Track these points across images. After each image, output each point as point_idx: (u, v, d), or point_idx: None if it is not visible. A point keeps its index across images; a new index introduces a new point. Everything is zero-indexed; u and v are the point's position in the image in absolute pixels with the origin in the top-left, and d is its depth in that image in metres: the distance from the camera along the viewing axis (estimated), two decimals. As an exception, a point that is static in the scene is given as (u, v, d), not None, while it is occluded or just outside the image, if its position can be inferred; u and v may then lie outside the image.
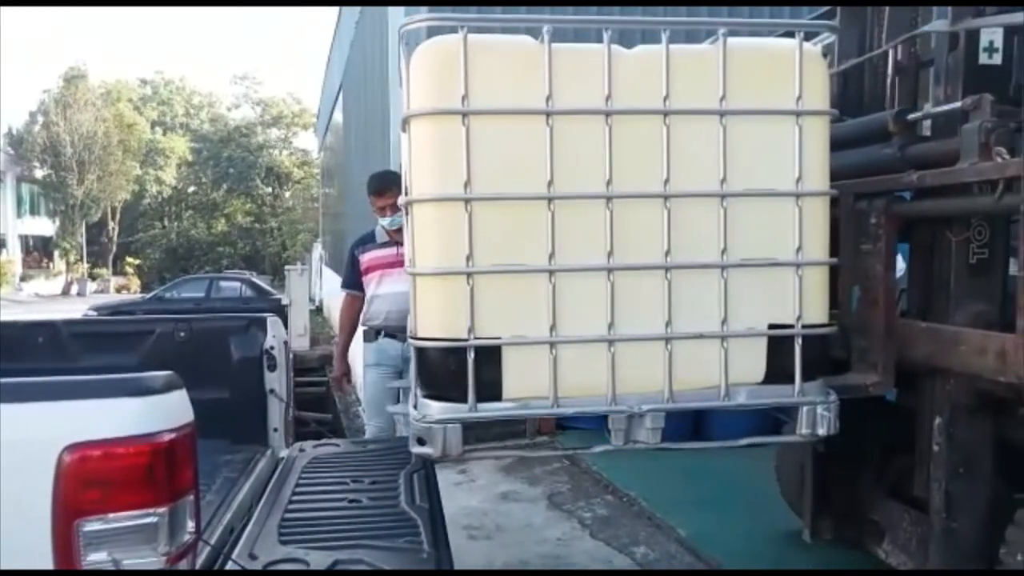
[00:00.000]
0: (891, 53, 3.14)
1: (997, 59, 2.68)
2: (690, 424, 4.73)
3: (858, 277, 2.90)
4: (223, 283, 19.09)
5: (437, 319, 2.32)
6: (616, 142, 2.29)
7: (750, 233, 2.39)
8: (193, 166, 38.83)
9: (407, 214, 2.42)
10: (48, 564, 1.48)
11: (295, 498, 2.47)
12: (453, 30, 2.23)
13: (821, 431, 2.43)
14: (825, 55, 2.62)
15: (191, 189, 39.46)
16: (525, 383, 2.32)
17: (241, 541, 2.11)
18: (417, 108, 2.29)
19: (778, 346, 2.41)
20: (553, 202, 2.27)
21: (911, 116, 2.82)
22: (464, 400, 2.27)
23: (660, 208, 2.32)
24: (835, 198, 3.11)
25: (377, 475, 2.71)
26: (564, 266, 2.28)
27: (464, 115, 2.22)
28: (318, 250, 25.70)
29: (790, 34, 2.37)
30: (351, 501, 2.47)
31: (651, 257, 2.33)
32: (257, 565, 1.95)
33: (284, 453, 3.00)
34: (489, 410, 2.31)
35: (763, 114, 2.37)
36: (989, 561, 2.71)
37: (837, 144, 3.31)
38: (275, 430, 3.04)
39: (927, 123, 2.99)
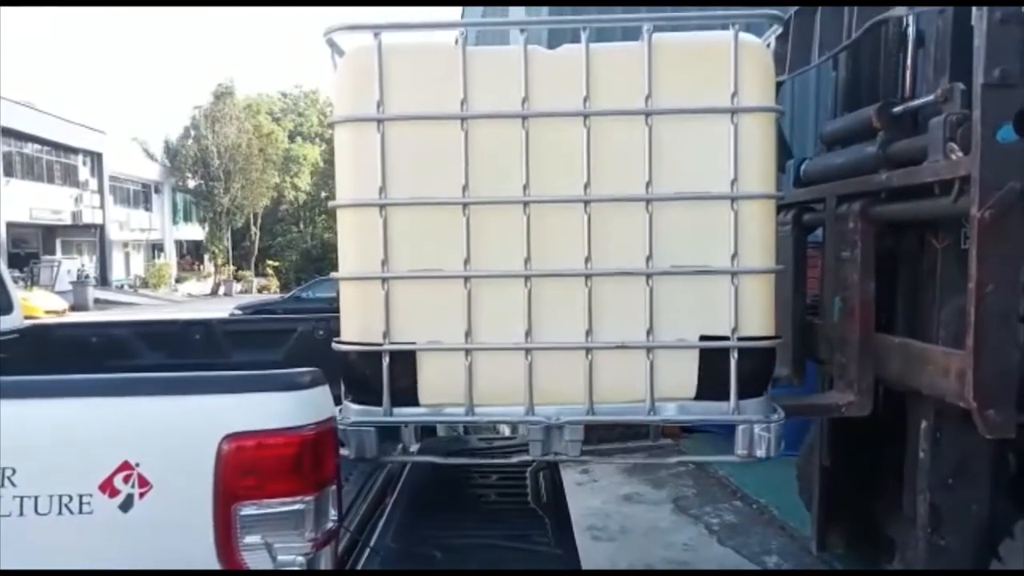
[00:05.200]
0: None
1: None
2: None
3: (838, 287, 2.66)
4: (353, 283, 20.01)
5: (355, 323, 2.34)
6: (536, 145, 2.24)
7: (683, 239, 2.25)
8: (325, 174, 41.02)
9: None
10: (210, 544, 1.61)
11: (426, 491, 2.55)
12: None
13: (759, 452, 2.26)
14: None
15: (323, 195, 41.71)
16: (441, 389, 2.30)
17: (377, 530, 2.22)
18: (336, 115, 2.33)
19: (714, 359, 2.26)
20: (468, 207, 2.25)
21: (895, 109, 2.56)
22: (381, 404, 2.29)
23: (582, 213, 2.24)
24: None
25: (504, 471, 2.77)
26: (478, 271, 2.25)
27: (379, 121, 2.24)
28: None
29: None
30: (479, 497, 2.54)
31: (573, 264, 2.25)
32: (392, 554, 2.06)
33: (415, 447, 3.11)
34: (404, 415, 2.32)
35: (692, 113, 2.23)
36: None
37: (830, 142, 3.08)
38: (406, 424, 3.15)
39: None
